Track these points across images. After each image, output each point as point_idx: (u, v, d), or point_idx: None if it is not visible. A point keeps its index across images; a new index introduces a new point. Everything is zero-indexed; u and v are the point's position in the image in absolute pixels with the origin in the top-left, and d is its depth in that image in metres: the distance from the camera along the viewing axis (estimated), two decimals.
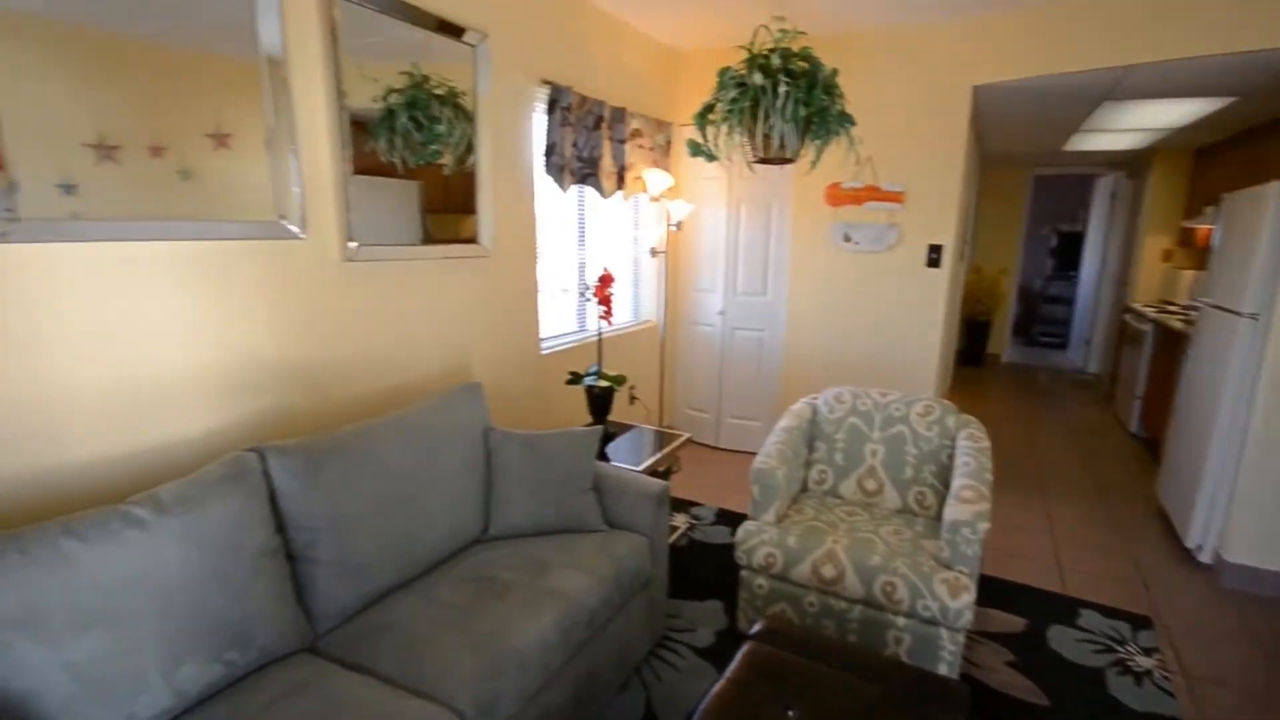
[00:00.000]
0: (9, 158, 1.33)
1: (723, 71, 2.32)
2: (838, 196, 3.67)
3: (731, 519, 3.25)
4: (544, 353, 3.15)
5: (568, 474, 2.13)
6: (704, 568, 2.80)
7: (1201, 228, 4.86)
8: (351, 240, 2.06)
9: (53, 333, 1.45)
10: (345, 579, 1.65)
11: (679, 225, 3.75)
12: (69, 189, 1.44)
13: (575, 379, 2.90)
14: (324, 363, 2.07)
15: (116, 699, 1.19)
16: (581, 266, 3.55)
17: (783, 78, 2.19)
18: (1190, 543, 2.93)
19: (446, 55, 2.35)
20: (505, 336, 2.86)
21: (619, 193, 3.38)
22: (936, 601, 1.91)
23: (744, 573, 2.25)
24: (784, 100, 2.17)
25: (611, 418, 3.16)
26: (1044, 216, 8.42)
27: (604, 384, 2.84)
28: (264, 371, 1.89)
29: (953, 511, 1.99)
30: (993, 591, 2.67)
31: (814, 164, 2.44)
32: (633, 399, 4.04)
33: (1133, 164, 6.19)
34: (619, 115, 3.26)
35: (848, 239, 3.70)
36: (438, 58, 2.31)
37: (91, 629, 1.18)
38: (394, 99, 2.17)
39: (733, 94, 2.29)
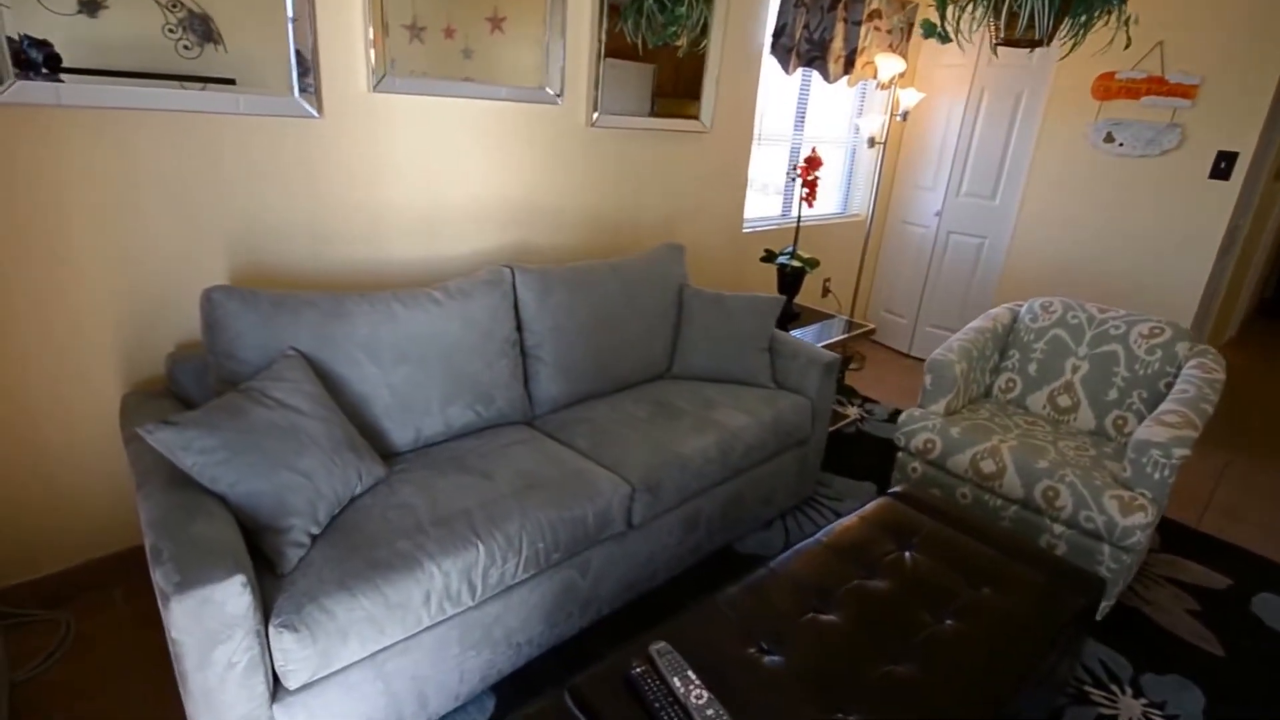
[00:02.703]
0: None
1: None
2: (1109, 89, 3.17)
3: None
4: (745, 231, 3.32)
5: (746, 332, 2.36)
6: (865, 454, 2.92)
7: None
8: (595, 109, 2.38)
9: (388, 162, 1.98)
10: (558, 378, 2.10)
11: (905, 115, 3.53)
12: (391, 63, 1.89)
13: (769, 257, 3.04)
14: (562, 209, 2.48)
15: (412, 415, 1.74)
16: (795, 151, 3.57)
17: None
18: None
19: None
20: (712, 209, 3.07)
21: (845, 78, 3.28)
22: (1103, 515, 1.87)
23: (900, 454, 2.35)
24: None
25: (803, 304, 3.29)
26: None
27: (796, 264, 2.95)
28: (519, 210, 2.35)
29: (1146, 432, 1.88)
30: (1201, 547, 2.44)
31: (1073, 46, 2.18)
32: (826, 290, 4.08)
33: None
34: None
35: (1110, 139, 3.21)
36: None
37: (403, 364, 1.72)
38: None
39: None
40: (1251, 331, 5.54)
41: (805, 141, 3.58)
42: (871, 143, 3.61)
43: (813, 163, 2.75)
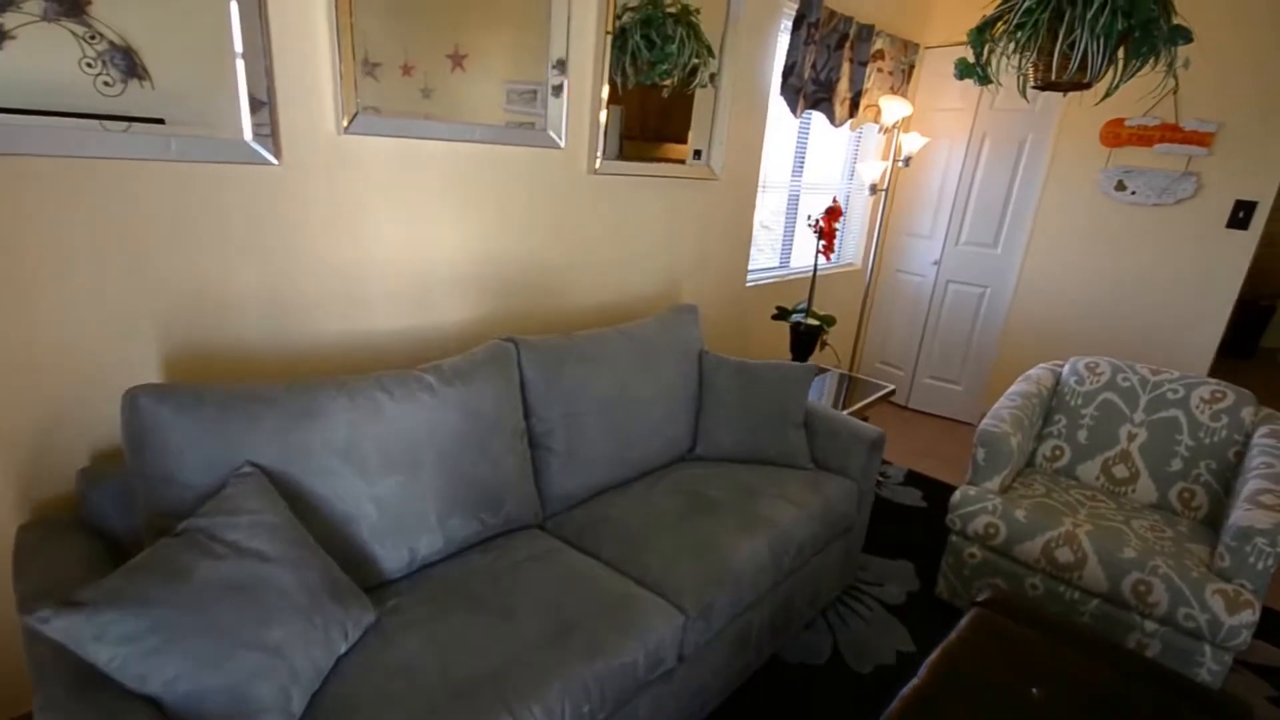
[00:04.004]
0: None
1: None
2: (1119, 136, 3.10)
3: (922, 483, 3.05)
4: (748, 285, 3.09)
5: (778, 406, 2.09)
6: (891, 526, 2.66)
7: None
8: (598, 155, 2.12)
9: (362, 215, 1.66)
10: (573, 470, 1.78)
11: (908, 160, 3.41)
12: (363, 100, 1.59)
13: (782, 314, 2.81)
14: (562, 267, 2.19)
15: (406, 534, 1.39)
16: (794, 199, 3.38)
17: None
18: None
19: None
20: (717, 264, 2.83)
21: (849, 121, 3.13)
22: (1206, 613, 1.64)
23: (954, 538, 2.10)
24: (1098, 9, 1.83)
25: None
26: None
27: (812, 322, 2.72)
28: (514, 269, 2.05)
29: (1247, 517, 1.67)
30: (1262, 622, 2.25)
31: (1111, 91, 2.05)
32: (823, 344, 3.87)
33: None
34: (865, 34, 2.98)
35: (1122, 188, 3.13)
36: None
37: (393, 472, 1.37)
38: (628, 17, 2.15)
39: (1029, 3, 1.97)
40: (1220, 373, 5.59)
41: (804, 188, 3.41)
42: (873, 189, 3.47)
43: (834, 213, 2.55)
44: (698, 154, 2.60)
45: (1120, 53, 1.97)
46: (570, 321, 2.28)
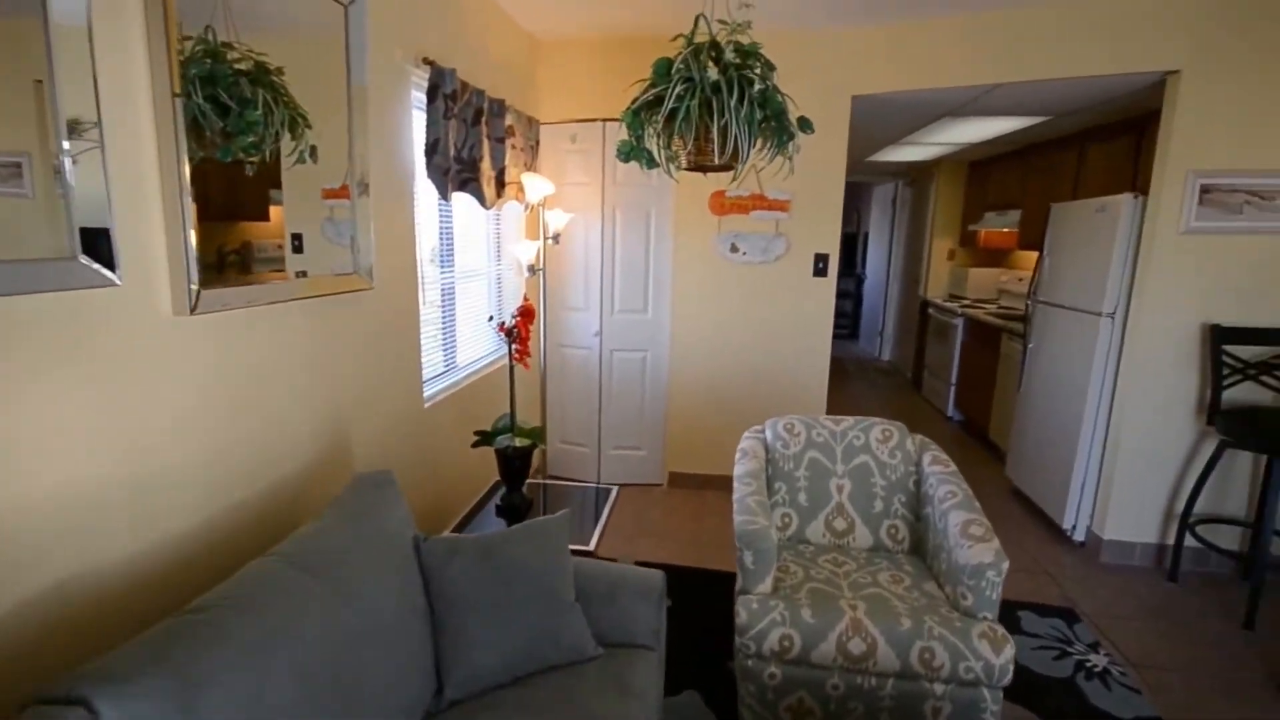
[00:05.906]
0: None
1: (662, 63, 1.94)
2: (724, 205, 3.46)
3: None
4: (426, 406, 2.44)
5: (543, 586, 1.56)
6: None
7: (984, 230, 5.63)
8: (192, 282, 1.27)
9: None
10: None
11: (556, 238, 3.23)
12: None
13: (485, 439, 2.26)
14: (149, 478, 1.24)
15: None
16: (449, 291, 2.86)
17: (738, 74, 1.91)
18: (1065, 524, 3.24)
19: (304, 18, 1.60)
20: (385, 392, 2.12)
21: (498, 201, 2.78)
22: (980, 660, 1.74)
23: (750, 662, 1.88)
24: (738, 99, 1.88)
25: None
26: None
27: (522, 443, 2.25)
28: (46, 526, 1.04)
29: (974, 554, 1.83)
30: None
31: (740, 173, 2.16)
32: None
33: (913, 174, 7.04)
34: (497, 108, 2.66)
35: (735, 249, 3.51)
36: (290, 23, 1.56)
37: None
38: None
39: (679, 89, 1.93)
40: None
41: (458, 278, 2.92)
42: (531, 270, 3.18)
43: (528, 313, 2.13)
44: (298, 241, 1.88)
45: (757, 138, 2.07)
46: (198, 560, 1.32)
